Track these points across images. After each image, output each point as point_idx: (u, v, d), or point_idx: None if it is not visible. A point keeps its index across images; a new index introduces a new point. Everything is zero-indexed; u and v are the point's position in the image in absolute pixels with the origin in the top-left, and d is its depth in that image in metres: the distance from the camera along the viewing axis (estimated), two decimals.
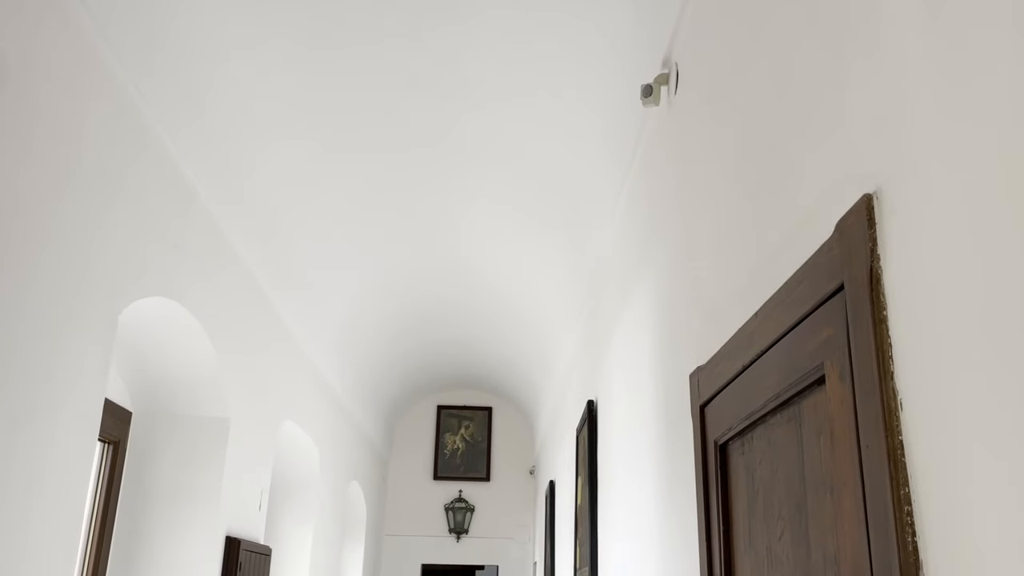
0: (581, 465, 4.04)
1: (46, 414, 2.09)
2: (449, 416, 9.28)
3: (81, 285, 2.27)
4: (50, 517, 2.12)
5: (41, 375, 2.07)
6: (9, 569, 1.94)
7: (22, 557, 2.00)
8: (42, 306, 2.07)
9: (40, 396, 2.06)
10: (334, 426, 6.02)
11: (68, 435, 2.21)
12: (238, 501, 3.75)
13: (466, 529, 8.84)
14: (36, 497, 2.06)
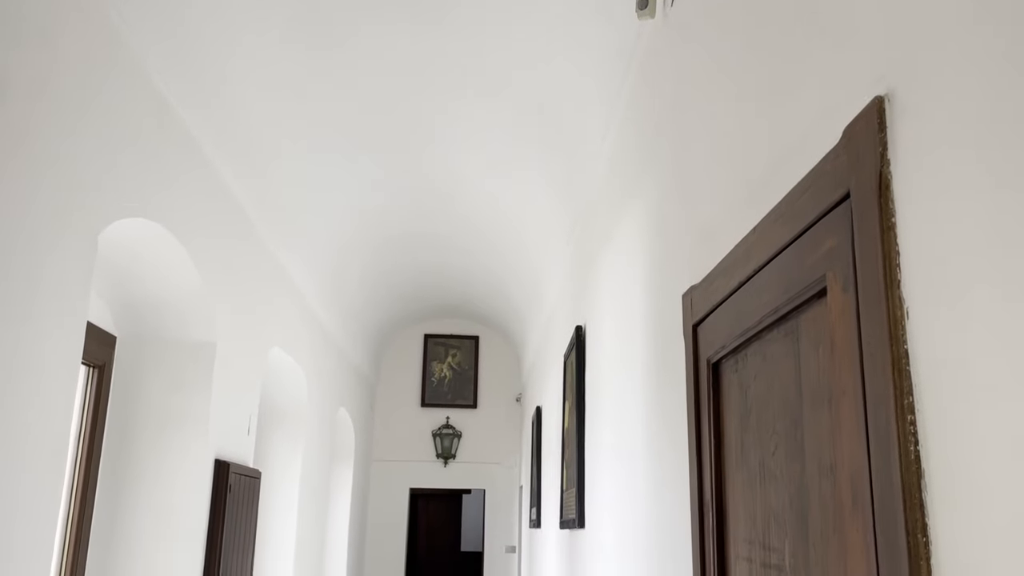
0: (568, 390, 4.06)
1: (28, 335, 2.05)
2: (436, 345, 9.32)
3: (58, 203, 2.20)
4: (35, 439, 2.10)
5: (20, 294, 2.02)
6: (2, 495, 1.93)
7: (7, 481, 1.99)
8: (18, 223, 2.01)
9: (20, 316, 2.02)
10: (321, 353, 6.02)
11: (51, 356, 2.18)
12: (227, 425, 3.75)
13: (453, 455, 8.97)
14: (19, 420, 2.03)
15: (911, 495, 0.89)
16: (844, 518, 1.04)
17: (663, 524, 2.11)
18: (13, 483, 2.01)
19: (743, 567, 1.45)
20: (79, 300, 2.33)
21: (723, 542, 1.57)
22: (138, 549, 3.29)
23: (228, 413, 3.77)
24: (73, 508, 3.14)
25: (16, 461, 2.02)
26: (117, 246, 3.00)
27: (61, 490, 2.28)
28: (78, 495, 3.17)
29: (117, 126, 2.53)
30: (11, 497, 2.00)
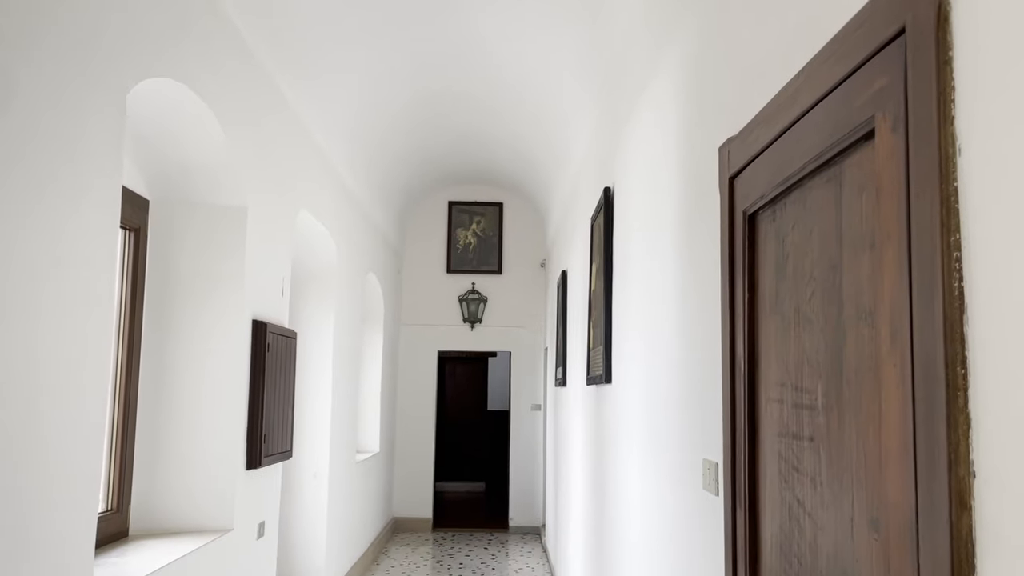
0: (596, 252, 4.09)
1: (66, 195, 2.08)
2: (460, 212, 9.33)
3: (86, 62, 2.18)
4: (82, 302, 2.17)
5: (58, 159, 2.03)
6: (47, 353, 2.01)
7: (60, 343, 2.07)
8: (48, 84, 2.00)
9: (57, 177, 2.04)
10: (349, 218, 6.06)
11: (89, 217, 2.21)
12: (261, 287, 3.84)
13: (479, 319, 9.15)
14: (67, 284, 2.09)
15: (952, 329, 0.91)
16: (881, 356, 1.07)
17: (692, 374, 2.17)
18: (66, 344, 2.09)
19: (774, 409, 1.50)
20: (113, 161, 2.34)
21: (754, 387, 1.62)
22: (184, 405, 3.45)
23: (262, 275, 3.85)
24: (121, 368, 3.28)
25: (67, 321, 2.10)
26: (146, 107, 2.98)
27: (110, 350, 2.37)
28: (124, 355, 3.30)
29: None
30: (64, 357, 2.08)
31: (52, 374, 2.01)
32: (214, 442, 3.48)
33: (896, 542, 1.02)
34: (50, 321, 2.01)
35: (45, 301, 1.99)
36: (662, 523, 2.51)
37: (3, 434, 1.81)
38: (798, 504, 1.37)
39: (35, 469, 1.94)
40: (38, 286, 1.95)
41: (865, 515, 1.13)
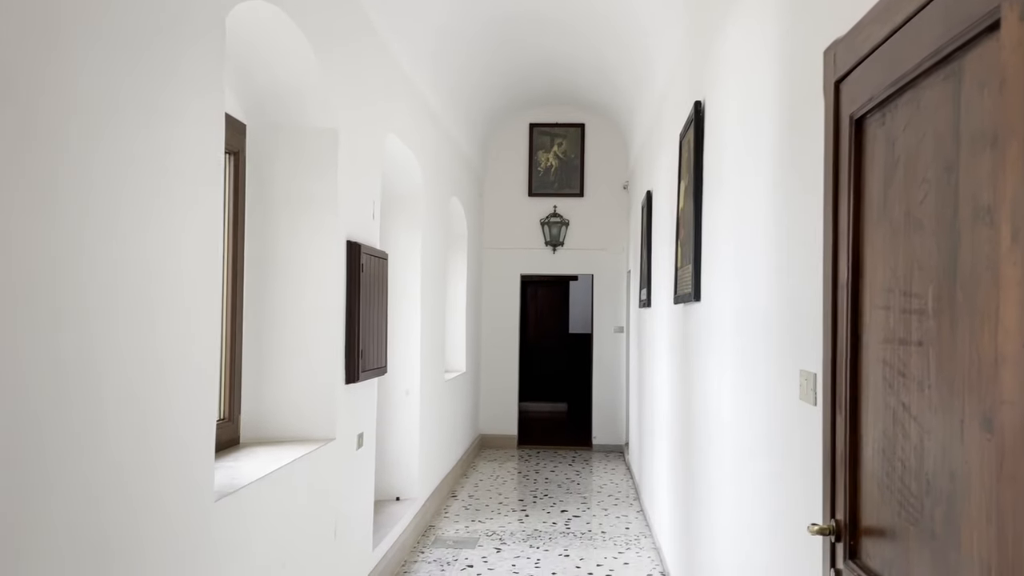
0: (684, 170, 4.02)
1: (172, 120, 2.16)
2: (542, 134, 9.25)
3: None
4: (191, 224, 2.27)
5: (161, 80, 2.11)
6: (167, 275, 2.13)
7: (176, 264, 2.18)
8: (151, 4, 2.06)
9: (163, 102, 2.12)
10: (433, 142, 6.10)
11: (195, 139, 2.30)
12: (354, 209, 3.94)
13: (561, 242, 9.16)
14: (177, 203, 2.19)
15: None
16: (1000, 255, 1.05)
17: (788, 286, 2.15)
18: (183, 265, 2.20)
19: (880, 316, 1.48)
20: (215, 83, 2.41)
21: (857, 296, 1.60)
22: (286, 321, 3.61)
23: (354, 197, 3.94)
24: (227, 286, 3.44)
25: (183, 243, 2.21)
26: (242, 31, 3.05)
27: (219, 268, 2.49)
28: (229, 274, 3.46)
29: None
30: (181, 279, 2.20)
31: (171, 295, 2.14)
32: (315, 357, 3.64)
33: (1011, 441, 1.02)
34: (168, 244, 2.12)
35: (161, 225, 2.09)
36: (754, 436, 2.53)
37: (131, 350, 1.94)
38: (903, 409, 1.37)
39: (158, 381, 2.09)
40: (152, 210, 2.06)
41: (977, 416, 1.13)
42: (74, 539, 1.71)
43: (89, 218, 1.77)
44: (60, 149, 1.67)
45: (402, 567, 4.84)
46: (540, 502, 6.58)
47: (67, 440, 1.69)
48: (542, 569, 4.83)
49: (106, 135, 1.83)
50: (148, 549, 2.03)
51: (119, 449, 1.89)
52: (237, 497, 2.60)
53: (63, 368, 1.67)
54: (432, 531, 5.66)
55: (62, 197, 1.68)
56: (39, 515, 1.60)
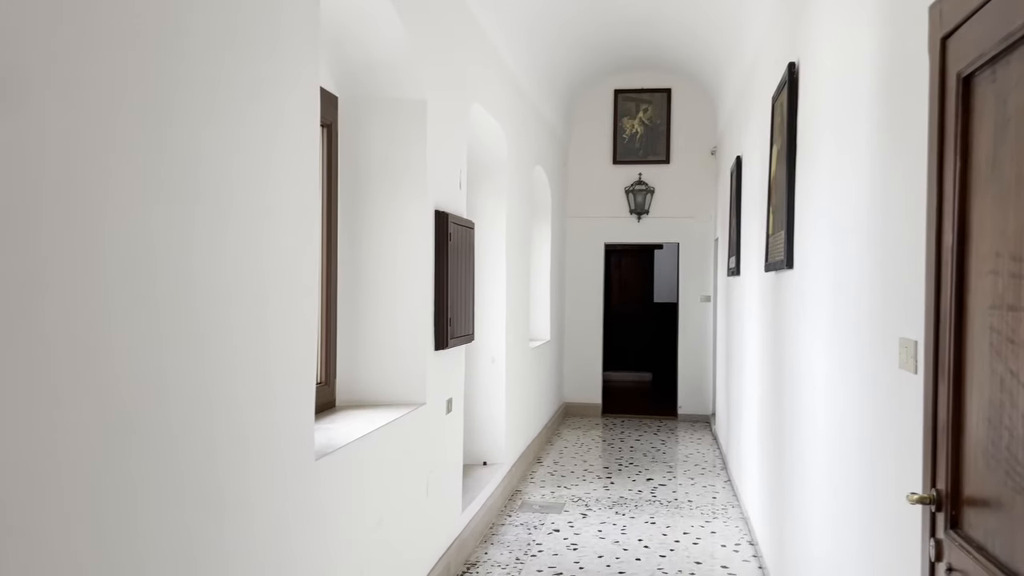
0: (777, 133, 3.92)
1: (271, 93, 2.23)
2: (627, 100, 9.13)
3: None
4: (292, 194, 2.35)
5: (263, 54, 2.18)
6: (271, 247, 2.22)
7: (279, 236, 2.27)
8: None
9: (263, 76, 2.19)
10: (517, 111, 6.11)
11: (293, 113, 2.37)
12: (441, 179, 4.00)
13: (646, 210, 9.07)
14: (279, 173, 2.27)
15: None
16: None
17: (888, 253, 2.09)
18: (285, 236, 2.29)
19: (987, 282, 1.44)
20: (310, 56, 2.48)
21: (962, 261, 1.55)
22: (378, 289, 3.72)
23: (442, 167, 4.00)
24: (323, 255, 3.55)
25: (286, 213, 2.29)
26: (332, 7, 3.11)
27: (317, 236, 2.57)
28: (324, 244, 3.57)
29: None
30: (283, 249, 2.29)
31: (278, 264, 2.23)
32: (405, 324, 3.74)
33: None
34: (274, 216, 2.20)
35: (267, 198, 2.18)
36: (848, 405, 2.49)
37: (245, 317, 2.04)
38: (1011, 376, 1.33)
39: (266, 346, 2.19)
40: (259, 183, 2.14)
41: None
42: (196, 490, 1.83)
43: (203, 199, 1.86)
44: (183, 125, 1.76)
45: (490, 529, 4.96)
46: (625, 470, 6.60)
47: (190, 401, 1.80)
48: (628, 535, 4.87)
49: (216, 109, 1.92)
50: (257, 502, 2.14)
51: (233, 409, 2.00)
52: (336, 457, 2.71)
53: (192, 333, 1.78)
54: (518, 496, 5.76)
55: (189, 172, 1.77)
56: (168, 466, 1.71)
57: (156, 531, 1.70)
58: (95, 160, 1.51)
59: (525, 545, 4.67)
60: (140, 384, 1.64)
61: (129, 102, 1.60)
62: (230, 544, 2.01)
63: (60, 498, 1.43)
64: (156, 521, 1.70)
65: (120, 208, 1.58)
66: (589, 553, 4.54)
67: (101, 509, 1.53)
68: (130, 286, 1.61)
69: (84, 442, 1.48)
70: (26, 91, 1.34)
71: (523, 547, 4.64)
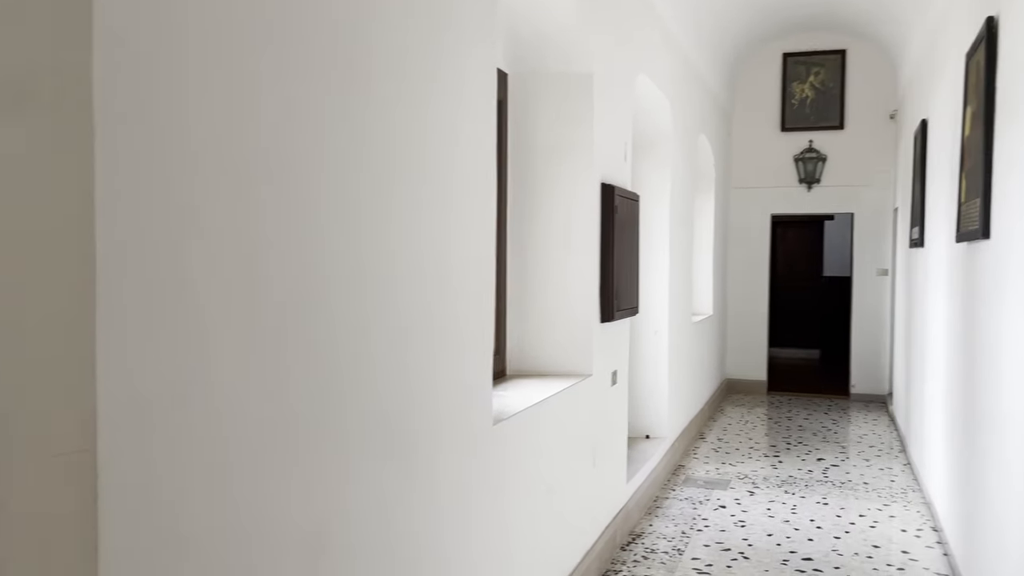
0: (972, 94, 3.63)
1: (452, 73, 2.31)
2: (796, 64, 8.71)
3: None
4: (471, 169, 2.43)
5: (443, 24, 2.26)
6: (455, 221, 2.31)
7: (459, 210, 2.35)
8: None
9: (444, 54, 2.27)
10: (681, 79, 5.99)
11: (473, 91, 2.45)
12: (607, 152, 4.00)
13: (817, 179, 8.65)
14: (460, 154, 2.36)
15: None
16: None
17: None
18: (463, 212, 2.38)
19: None
20: (489, 37, 2.55)
21: None
22: (545, 262, 3.78)
23: (607, 140, 3.99)
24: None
25: (466, 188, 2.38)
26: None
27: (492, 212, 2.65)
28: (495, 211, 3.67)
29: None
30: (463, 225, 2.38)
31: (459, 236, 2.33)
32: (572, 296, 3.78)
33: None
34: (454, 190, 2.30)
35: (448, 172, 2.27)
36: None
37: (433, 287, 2.15)
38: None
39: (452, 314, 2.29)
40: (446, 160, 2.23)
41: None
42: (387, 448, 1.96)
43: (398, 180, 1.96)
44: (377, 109, 1.87)
45: (654, 502, 4.96)
46: (794, 449, 6.39)
47: (389, 364, 1.92)
48: (799, 515, 4.73)
49: (404, 91, 2.02)
50: (443, 463, 2.26)
51: (427, 372, 2.12)
52: (511, 423, 2.80)
53: (392, 302, 1.90)
54: (682, 470, 5.72)
55: (387, 156, 1.88)
56: (366, 427, 1.85)
57: (355, 483, 1.83)
58: (310, 151, 1.63)
59: (690, 519, 4.64)
60: (349, 347, 1.77)
61: (333, 90, 1.72)
62: (418, 502, 2.13)
63: (296, 446, 1.57)
64: (356, 474, 1.83)
65: (332, 190, 1.70)
66: (758, 531, 4.46)
67: (317, 457, 1.67)
68: (342, 259, 1.73)
69: (304, 395, 1.62)
70: (255, 88, 1.47)
71: (688, 521, 4.61)
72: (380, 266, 1.90)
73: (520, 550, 2.92)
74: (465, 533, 2.43)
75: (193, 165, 1.35)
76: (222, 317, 1.42)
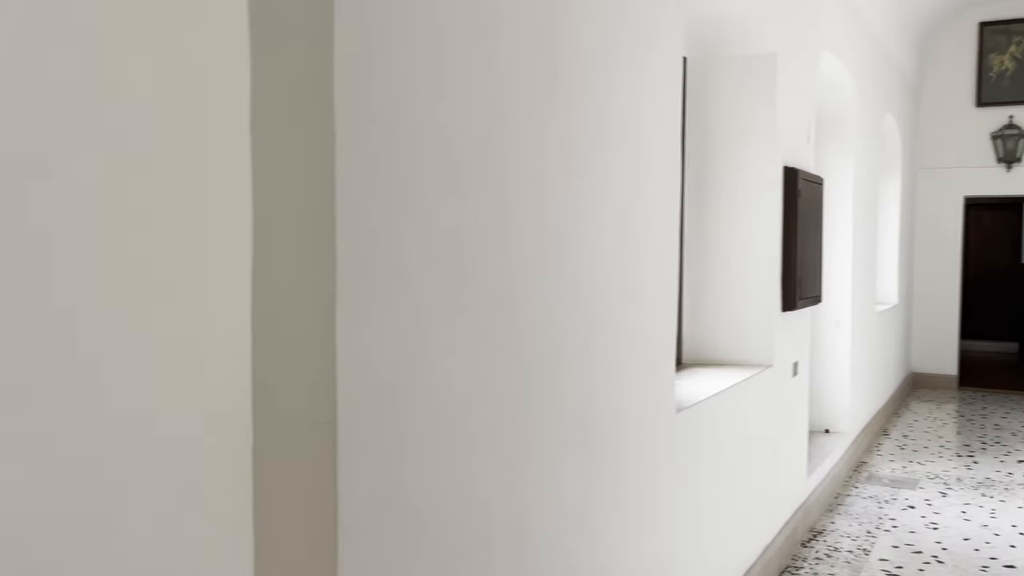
0: None
1: (642, 59, 2.32)
2: (994, 33, 8.00)
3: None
4: (659, 156, 2.43)
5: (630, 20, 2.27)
6: (643, 208, 2.32)
7: (650, 194, 2.36)
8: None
9: (627, 47, 2.28)
10: (866, 54, 5.66)
11: (660, 76, 2.44)
12: (789, 133, 3.85)
13: (1018, 158, 7.93)
14: (644, 145, 2.36)
15: None
16: None
17: None
18: (651, 198, 2.38)
19: None
20: (675, 27, 2.53)
21: None
22: (724, 248, 3.70)
23: (789, 122, 3.85)
24: None
25: (655, 172, 2.39)
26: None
27: (677, 192, 2.64)
28: None
29: None
30: (651, 206, 2.38)
31: (645, 226, 2.34)
32: (752, 283, 3.69)
33: None
34: (645, 178, 2.31)
35: (640, 159, 2.29)
36: None
37: (612, 278, 2.17)
38: None
39: (640, 301, 2.31)
40: (632, 148, 2.25)
41: None
42: (581, 434, 2.01)
43: (584, 171, 2.00)
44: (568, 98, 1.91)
45: (835, 499, 4.76)
46: (991, 449, 5.92)
47: (577, 352, 1.97)
48: (999, 520, 4.39)
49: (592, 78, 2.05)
50: (628, 451, 2.29)
51: (612, 360, 2.15)
52: (693, 412, 2.79)
53: (578, 296, 1.95)
54: (864, 467, 5.44)
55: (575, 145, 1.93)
56: (557, 415, 1.91)
57: (548, 465, 1.90)
58: (510, 149, 1.70)
59: (876, 519, 4.42)
60: (541, 337, 1.83)
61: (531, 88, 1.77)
62: (604, 488, 2.17)
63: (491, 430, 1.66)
64: (549, 456, 1.90)
65: (526, 187, 1.76)
66: (953, 534, 4.18)
67: (518, 441, 1.75)
68: (534, 252, 1.80)
69: (503, 384, 1.70)
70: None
71: (873, 520, 4.40)
72: (568, 259, 1.95)
73: (701, 539, 2.90)
74: (650, 519, 2.45)
75: (414, 168, 1.44)
76: (436, 307, 1.51)
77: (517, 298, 1.75)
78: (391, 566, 1.41)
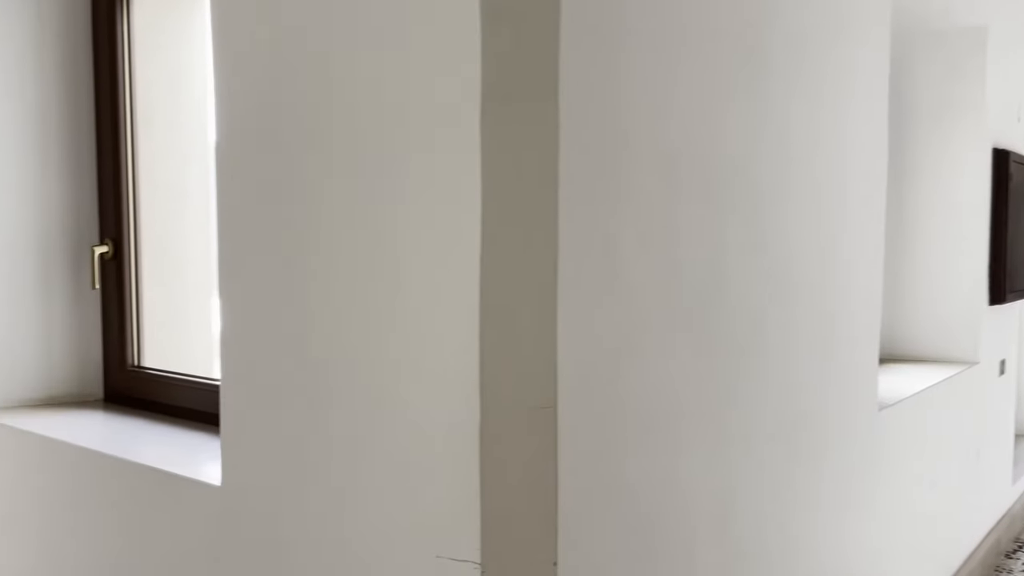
0: None
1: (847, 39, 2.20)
2: None
3: None
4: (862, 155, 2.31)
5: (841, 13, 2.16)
6: (849, 191, 2.21)
7: (852, 177, 2.25)
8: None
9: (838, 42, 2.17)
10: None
11: (866, 54, 2.32)
12: (999, 112, 3.55)
13: None
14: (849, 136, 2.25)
15: None
16: None
17: None
18: (855, 174, 2.27)
19: None
20: (882, 16, 2.40)
21: None
22: (925, 235, 3.47)
23: (1000, 99, 3.55)
24: None
25: (856, 150, 2.27)
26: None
27: (885, 180, 2.50)
28: None
29: None
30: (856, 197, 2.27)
31: (849, 220, 2.23)
32: (954, 274, 3.44)
33: None
34: (848, 167, 2.21)
35: (841, 151, 2.19)
36: None
37: (815, 272, 2.09)
38: None
39: (843, 293, 2.21)
40: (837, 141, 2.15)
41: None
42: (778, 426, 1.95)
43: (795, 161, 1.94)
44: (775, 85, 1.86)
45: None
46: None
47: (781, 349, 1.91)
48: None
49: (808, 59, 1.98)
50: (828, 447, 2.20)
51: (815, 353, 2.08)
52: (896, 410, 2.64)
53: (781, 294, 1.90)
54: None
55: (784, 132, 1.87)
56: (757, 406, 1.86)
57: (749, 458, 1.86)
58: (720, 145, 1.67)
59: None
60: (744, 332, 1.79)
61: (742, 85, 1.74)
62: (802, 482, 2.10)
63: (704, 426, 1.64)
64: (750, 450, 1.86)
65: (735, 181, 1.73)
66: None
67: (720, 430, 1.72)
68: (740, 248, 1.76)
69: (708, 375, 1.68)
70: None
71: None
72: (772, 251, 1.89)
73: (897, 544, 2.75)
74: (844, 517, 2.35)
75: (630, 159, 1.44)
76: (649, 300, 1.50)
77: (722, 290, 1.72)
78: (605, 541, 1.43)
